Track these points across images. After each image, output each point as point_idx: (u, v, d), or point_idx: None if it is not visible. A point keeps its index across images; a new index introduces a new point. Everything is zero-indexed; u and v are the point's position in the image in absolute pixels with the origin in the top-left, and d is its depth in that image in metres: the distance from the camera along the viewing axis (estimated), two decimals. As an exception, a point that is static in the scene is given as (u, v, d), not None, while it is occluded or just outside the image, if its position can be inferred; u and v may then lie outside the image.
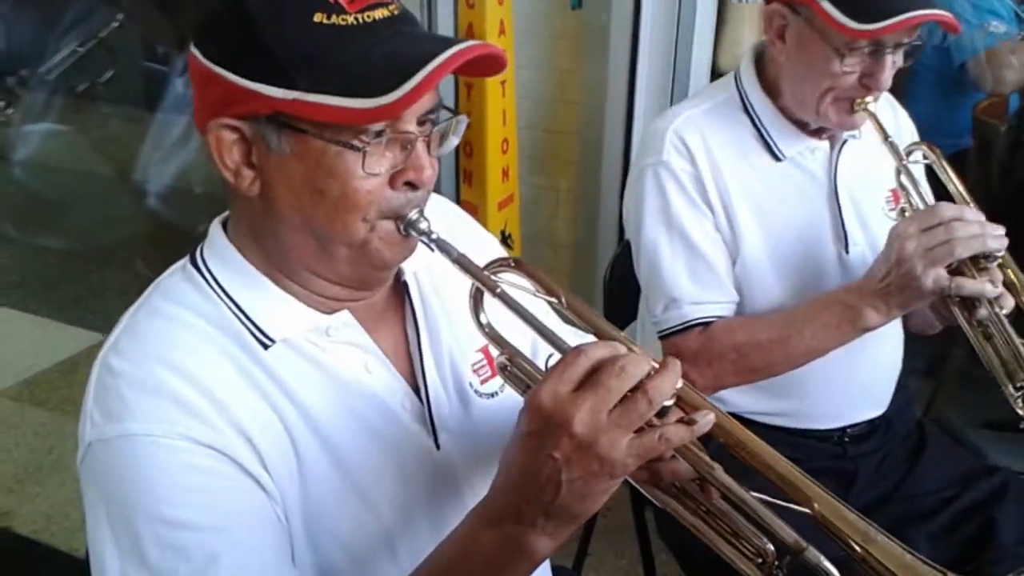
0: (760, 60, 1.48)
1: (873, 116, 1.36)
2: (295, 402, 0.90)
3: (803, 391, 1.47)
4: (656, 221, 1.45)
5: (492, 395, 1.05)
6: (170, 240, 3.50)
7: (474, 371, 1.04)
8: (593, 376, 0.77)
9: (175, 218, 3.84)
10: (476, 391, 1.04)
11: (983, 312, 1.27)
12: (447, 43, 0.83)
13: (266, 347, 0.90)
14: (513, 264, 0.92)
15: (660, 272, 1.45)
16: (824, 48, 1.32)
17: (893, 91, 2.94)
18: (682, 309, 1.45)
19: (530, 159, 2.89)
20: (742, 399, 1.51)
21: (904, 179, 1.37)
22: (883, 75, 1.33)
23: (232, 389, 0.87)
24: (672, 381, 0.78)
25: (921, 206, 1.36)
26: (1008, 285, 1.28)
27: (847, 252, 1.47)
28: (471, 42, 0.84)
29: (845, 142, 1.47)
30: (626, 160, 2.71)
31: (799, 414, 1.53)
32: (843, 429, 1.55)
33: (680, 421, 0.78)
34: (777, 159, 1.45)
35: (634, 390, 0.76)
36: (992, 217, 2.52)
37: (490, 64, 0.87)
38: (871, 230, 1.47)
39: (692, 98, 1.55)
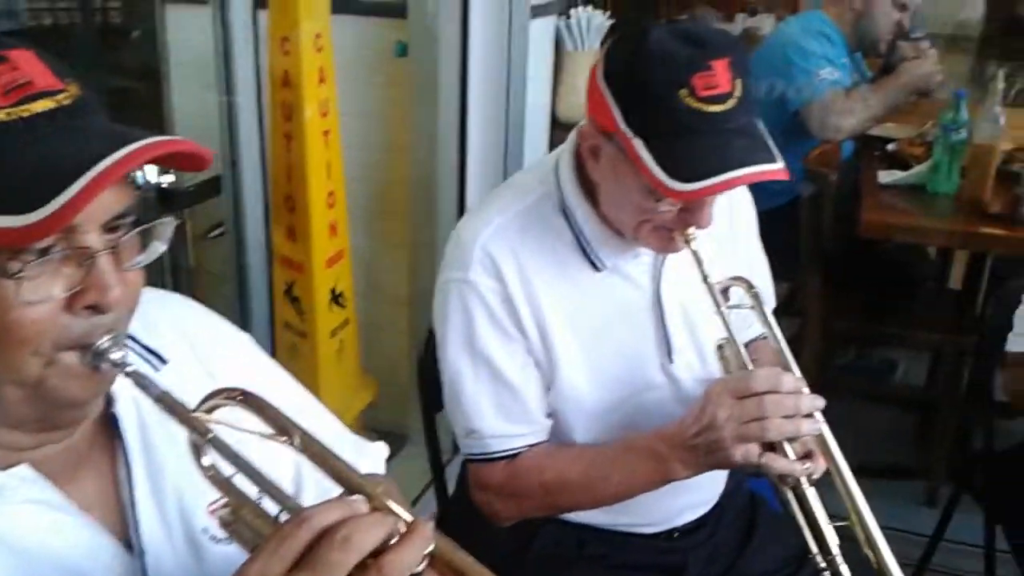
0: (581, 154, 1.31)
1: (694, 253, 1.22)
2: None
3: (628, 508, 1.34)
4: (459, 347, 1.31)
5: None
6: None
7: (210, 513, 0.87)
8: (312, 551, 0.63)
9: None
10: (212, 536, 0.87)
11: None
12: (123, 139, 0.68)
13: None
14: (240, 397, 0.76)
15: (462, 401, 1.32)
16: (639, 183, 1.16)
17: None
18: (484, 441, 1.33)
19: (362, 211, 2.73)
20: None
21: (723, 319, 1.24)
22: (703, 215, 1.19)
23: None
24: (418, 551, 0.66)
25: (744, 354, 1.24)
26: (820, 446, 1.19)
27: (671, 361, 1.36)
28: (154, 139, 0.69)
29: (665, 259, 1.34)
30: (461, 208, 2.59)
31: (624, 523, 1.42)
32: (671, 529, 1.45)
33: None
34: (597, 269, 1.32)
35: (365, 564, 0.63)
36: (826, 270, 2.49)
37: (189, 160, 0.73)
38: (698, 335, 1.36)
39: (506, 192, 1.37)
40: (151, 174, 2.30)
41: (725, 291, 1.26)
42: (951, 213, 2.51)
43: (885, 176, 2.65)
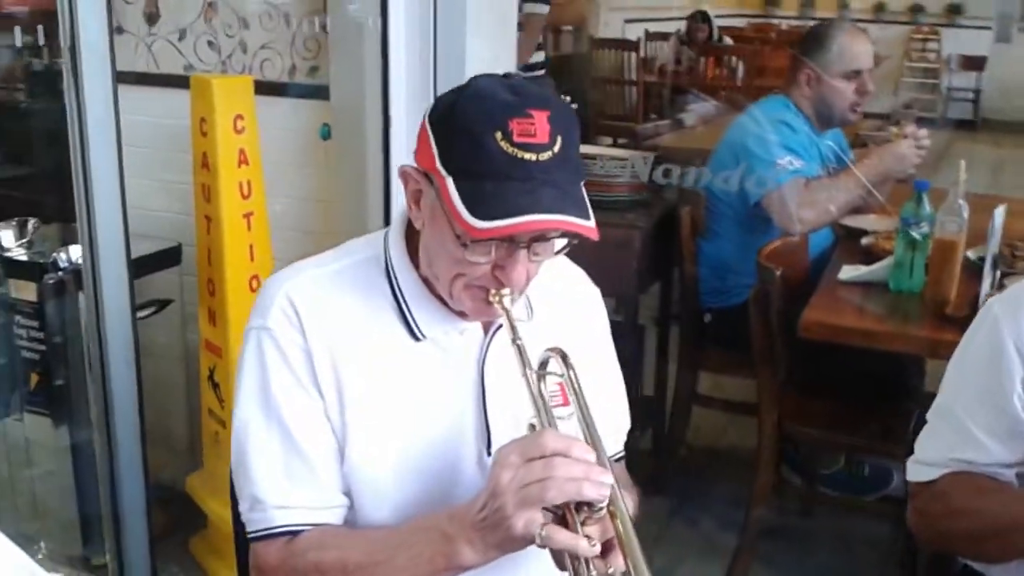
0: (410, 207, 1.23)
1: (506, 313, 1.13)
2: None
3: None
4: (252, 399, 1.20)
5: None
6: None
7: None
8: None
9: None
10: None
11: (592, 573, 1.02)
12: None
13: None
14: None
15: (248, 462, 1.19)
16: (452, 229, 1.09)
17: (695, 229, 2.84)
18: (267, 512, 1.19)
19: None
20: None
21: (528, 382, 1.11)
22: (514, 271, 1.10)
23: None
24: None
25: (546, 424, 1.10)
26: (618, 540, 1.02)
27: (489, 454, 1.22)
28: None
29: (499, 326, 1.22)
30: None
31: None
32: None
33: None
34: (416, 339, 1.21)
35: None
36: (788, 371, 2.27)
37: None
38: (524, 428, 1.21)
39: (334, 251, 1.29)
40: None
41: (544, 364, 1.15)
42: (914, 314, 2.30)
43: (846, 272, 2.46)
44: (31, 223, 2.51)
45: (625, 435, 1.41)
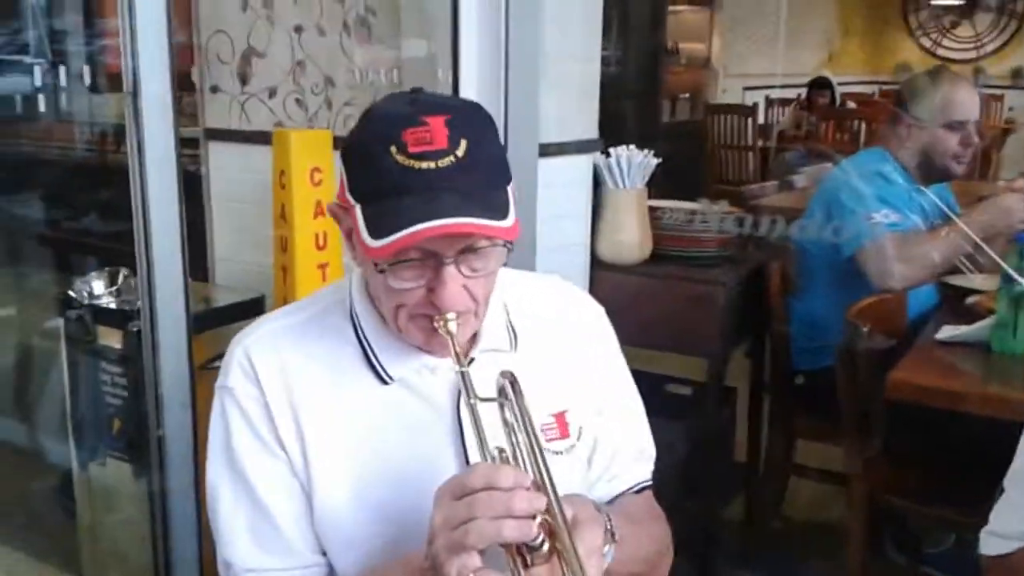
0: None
1: (450, 336, 1.06)
2: None
3: None
4: (218, 460, 1.17)
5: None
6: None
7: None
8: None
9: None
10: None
11: None
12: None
13: None
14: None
15: (219, 526, 1.17)
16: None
17: (785, 286, 2.71)
18: None
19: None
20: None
21: (471, 411, 1.03)
22: (444, 291, 1.03)
23: None
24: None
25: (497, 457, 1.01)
26: None
27: None
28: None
29: (472, 359, 1.15)
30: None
31: None
32: None
33: None
34: (385, 382, 1.15)
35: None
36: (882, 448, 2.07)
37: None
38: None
39: (303, 300, 1.27)
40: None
41: (502, 392, 1.05)
42: (1017, 377, 2.11)
43: (945, 331, 2.28)
44: (122, 273, 2.60)
45: (651, 462, 1.31)
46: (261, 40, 2.75)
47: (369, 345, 1.15)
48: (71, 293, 2.58)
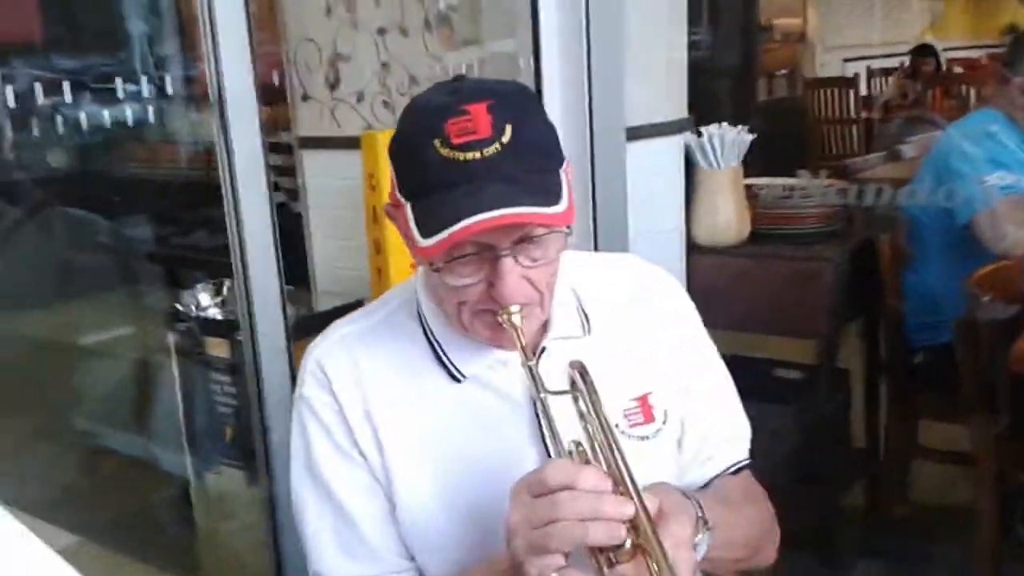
0: None
1: (515, 330, 1.02)
2: None
3: None
4: (301, 470, 1.16)
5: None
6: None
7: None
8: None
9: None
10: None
11: None
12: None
13: None
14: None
15: (306, 536, 1.17)
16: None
17: (897, 259, 2.59)
18: None
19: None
20: None
21: (541, 405, 1.00)
22: (503, 285, 0.99)
23: None
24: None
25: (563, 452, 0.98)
26: None
27: None
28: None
29: (544, 349, 1.12)
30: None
31: None
32: None
33: None
34: (457, 380, 1.13)
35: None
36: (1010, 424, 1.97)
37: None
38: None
39: (372, 304, 1.24)
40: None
41: (574, 384, 1.01)
42: None
43: (1075, 298, 2.14)
44: (226, 284, 2.65)
45: (747, 441, 1.25)
46: (346, 44, 2.77)
47: (439, 344, 1.13)
48: (179, 307, 2.66)
